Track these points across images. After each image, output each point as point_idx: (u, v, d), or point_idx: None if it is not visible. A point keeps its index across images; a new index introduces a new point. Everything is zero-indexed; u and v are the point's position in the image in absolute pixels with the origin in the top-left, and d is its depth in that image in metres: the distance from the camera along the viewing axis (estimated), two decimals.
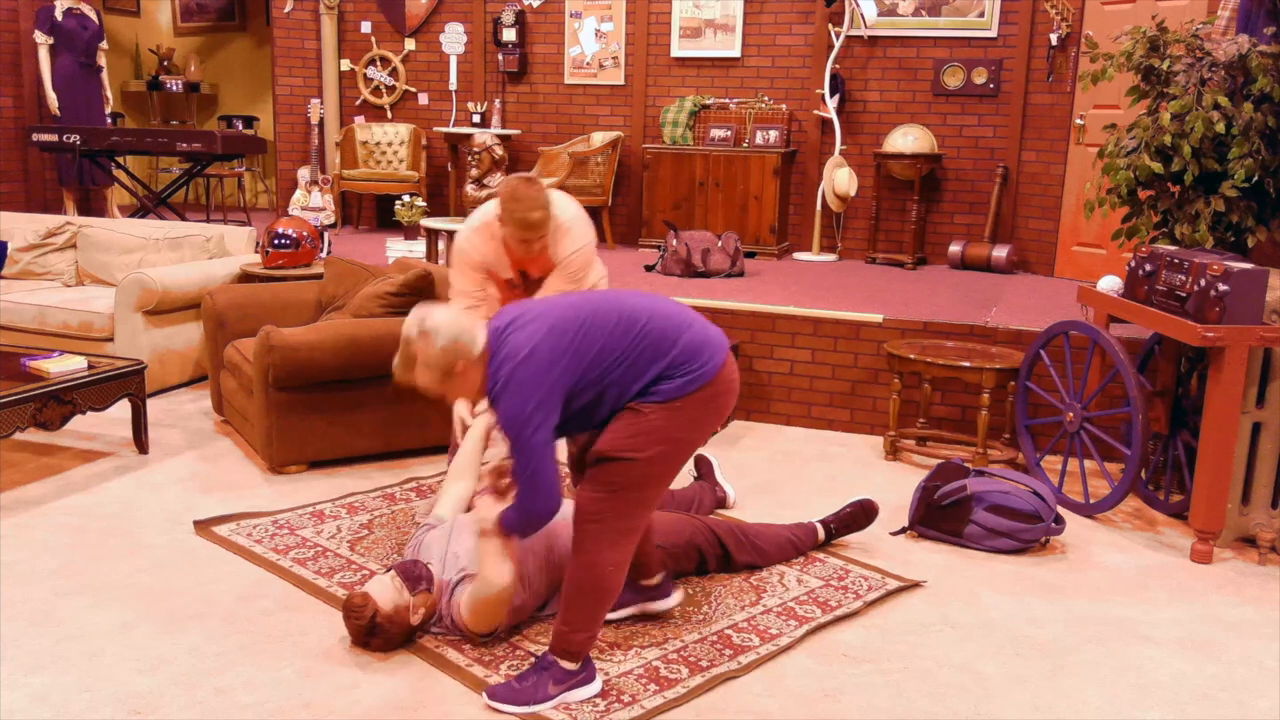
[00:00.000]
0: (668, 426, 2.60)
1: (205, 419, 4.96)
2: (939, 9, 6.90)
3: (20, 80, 7.89)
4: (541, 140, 7.95)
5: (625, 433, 2.59)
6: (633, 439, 2.58)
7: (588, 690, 2.71)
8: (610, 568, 2.64)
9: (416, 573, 2.95)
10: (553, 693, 2.67)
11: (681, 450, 2.65)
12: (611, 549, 2.64)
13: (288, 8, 8.36)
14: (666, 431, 2.60)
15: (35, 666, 2.76)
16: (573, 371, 2.54)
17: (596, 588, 2.65)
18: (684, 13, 7.49)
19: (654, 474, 2.63)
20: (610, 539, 2.63)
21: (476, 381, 2.61)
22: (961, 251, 6.86)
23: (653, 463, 2.60)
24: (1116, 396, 4.59)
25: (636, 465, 2.59)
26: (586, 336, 2.57)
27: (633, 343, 2.59)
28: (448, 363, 2.56)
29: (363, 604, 2.85)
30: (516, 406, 2.49)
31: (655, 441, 2.59)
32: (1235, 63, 4.04)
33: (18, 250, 5.87)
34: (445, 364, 2.57)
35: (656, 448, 2.59)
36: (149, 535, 3.62)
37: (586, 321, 2.59)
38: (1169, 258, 3.86)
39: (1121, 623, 3.24)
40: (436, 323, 2.58)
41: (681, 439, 2.63)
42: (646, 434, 2.58)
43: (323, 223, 7.28)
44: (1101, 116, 6.07)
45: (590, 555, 2.63)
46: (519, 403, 2.49)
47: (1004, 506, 3.69)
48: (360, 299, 4.59)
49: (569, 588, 2.67)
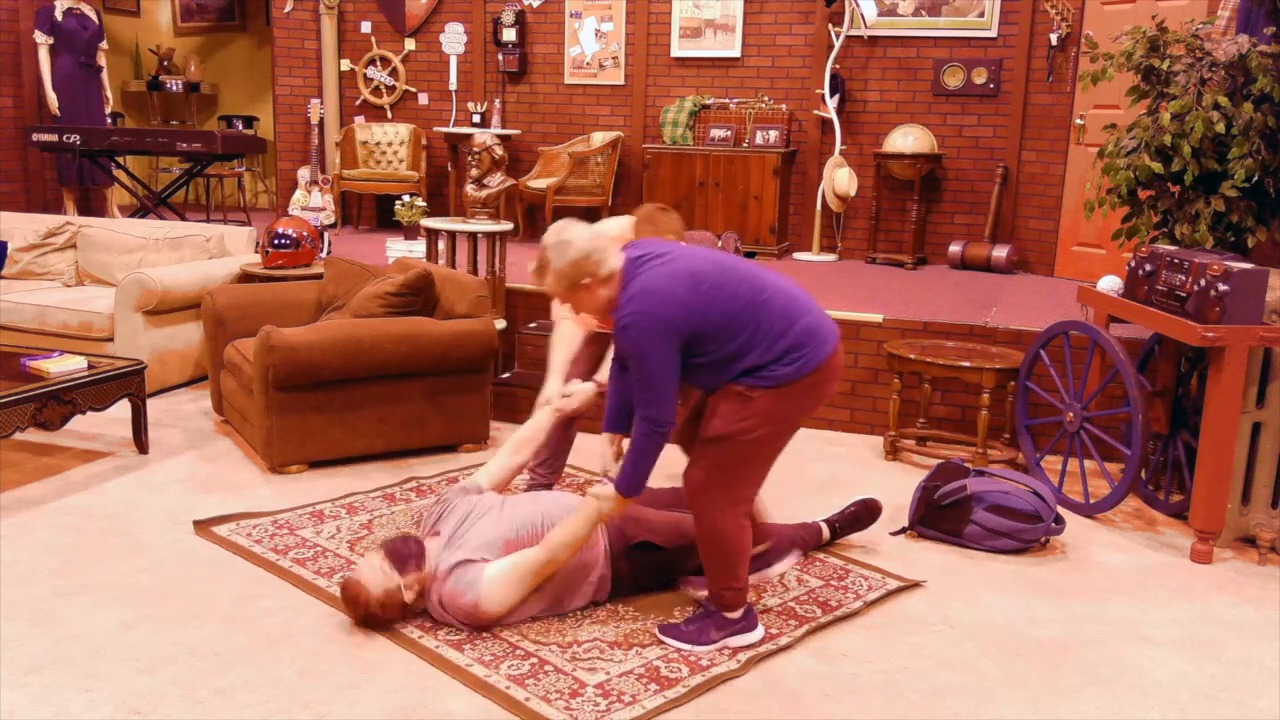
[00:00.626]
0: (774, 410, 2.78)
1: (205, 419, 4.96)
2: (939, 9, 6.90)
3: (20, 80, 7.89)
4: (541, 140, 7.95)
5: (734, 416, 2.77)
6: (741, 422, 2.77)
7: (749, 637, 2.97)
8: (732, 530, 2.88)
9: (406, 551, 2.99)
10: (715, 637, 2.95)
11: (785, 430, 2.86)
12: (724, 517, 2.86)
13: (288, 8, 8.37)
14: (772, 414, 2.78)
15: (35, 666, 2.76)
16: (695, 319, 2.71)
17: (723, 549, 2.89)
18: (684, 13, 7.49)
19: (759, 453, 2.85)
20: (721, 509, 2.85)
21: (602, 301, 2.81)
22: (961, 251, 6.86)
23: (758, 443, 2.81)
24: (1116, 396, 4.59)
25: (743, 445, 2.79)
26: (714, 291, 2.74)
27: (754, 315, 2.75)
28: (575, 275, 2.76)
29: (354, 596, 2.95)
30: (642, 336, 2.69)
31: (762, 424, 2.78)
32: (1235, 63, 4.04)
33: (18, 250, 5.87)
34: (572, 276, 2.76)
35: (763, 429, 2.79)
36: (149, 535, 3.62)
37: (718, 280, 2.76)
38: (1169, 258, 3.86)
39: (1121, 623, 3.24)
40: (571, 236, 2.78)
41: (786, 420, 2.83)
42: (754, 417, 2.77)
43: (323, 223, 7.27)
44: (1101, 116, 6.07)
45: (707, 524, 2.88)
46: (644, 333, 2.69)
47: (1004, 506, 3.69)
48: (360, 299, 4.59)
49: (702, 553, 2.94)
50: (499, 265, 5.31)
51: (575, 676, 2.77)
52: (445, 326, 4.47)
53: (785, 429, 2.85)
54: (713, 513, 2.85)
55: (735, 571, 2.92)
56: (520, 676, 2.76)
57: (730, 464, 2.82)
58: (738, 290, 2.76)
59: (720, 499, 2.84)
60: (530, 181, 7.50)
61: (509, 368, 5.46)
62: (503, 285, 5.39)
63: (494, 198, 5.27)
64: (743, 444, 2.79)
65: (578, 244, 2.76)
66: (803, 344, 2.77)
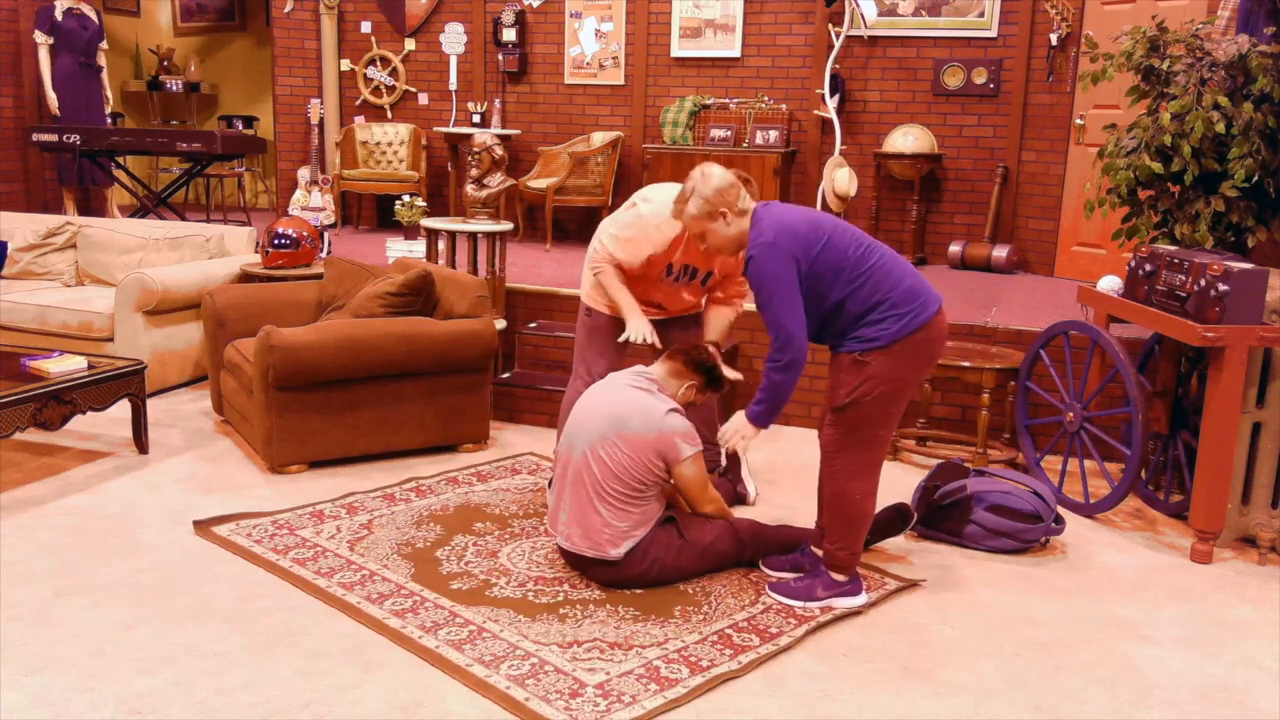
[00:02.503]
0: (887, 371, 3.04)
1: (205, 419, 4.96)
2: (939, 9, 6.90)
3: (20, 80, 7.89)
4: (541, 140, 7.95)
5: (853, 382, 3.07)
6: (860, 386, 3.05)
7: (853, 601, 3.22)
8: (857, 495, 3.16)
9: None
10: (820, 595, 3.21)
11: (903, 391, 3.10)
12: (855, 480, 3.15)
13: (288, 8, 8.37)
14: (887, 375, 3.04)
15: (35, 666, 2.76)
16: (810, 259, 3.02)
17: (849, 512, 3.17)
18: (684, 13, 7.49)
19: (883, 413, 3.10)
20: (853, 472, 3.15)
21: (733, 235, 3.16)
22: (961, 251, 6.86)
23: (879, 403, 3.07)
24: (1116, 396, 4.59)
25: (866, 407, 3.07)
26: (830, 240, 3.06)
27: (861, 270, 3.04)
28: (716, 203, 3.13)
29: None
30: (767, 266, 3.00)
31: (879, 385, 3.05)
32: (1235, 63, 4.04)
33: (18, 250, 5.87)
34: (714, 204, 3.13)
35: (880, 388, 3.05)
36: (149, 535, 3.62)
37: (834, 233, 3.08)
38: (1169, 258, 3.86)
39: (1121, 623, 3.24)
40: (717, 172, 3.17)
41: (900, 380, 3.07)
42: (871, 379, 3.05)
43: (323, 223, 7.27)
44: (1101, 116, 6.07)
45: (839, 485, 3.17)
46: (769, 263, 3.00)
47: (1004, 506, 3.69)
48: (360, 299, 4.59)
49: (830, 513, 3.22)
50: (499, 265, 5.31)
51: (575, 676, 2.77)
52: (445, 326, 4.47)
53: (902, 389, 3.09)
54: (845, 475, 3.15)
55: (854, 535, 3.19)
56: (520, 676, 2.76)
57: (857, 426, 3.10)
58: (849, 246, 3.07)
59: (852, 462, 3.14)
60: (530, 181, 7.50)
61: (509, 368, 5.46)
62: (503, 285, 5.39)
63: (494, 198, 5.27)
64: (865, 406, 3.06)
65: (722, 176, 3.14)
66: (906, 302, 3.04)
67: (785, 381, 3.08)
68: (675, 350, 3.48)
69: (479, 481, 4.25)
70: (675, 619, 3.12)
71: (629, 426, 3.22)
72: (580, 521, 3.26)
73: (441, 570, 3.40)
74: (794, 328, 3.02)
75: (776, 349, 3.05)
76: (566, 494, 3.32)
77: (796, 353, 3.04)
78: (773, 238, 3.03)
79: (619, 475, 3.20)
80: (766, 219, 3.09)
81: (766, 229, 3.06)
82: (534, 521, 3.83)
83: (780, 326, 3.03)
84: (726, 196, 3.12)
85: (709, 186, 3.13)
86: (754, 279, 3.06)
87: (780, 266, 3.01)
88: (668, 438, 3.22)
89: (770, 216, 3.10)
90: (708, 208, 3.14)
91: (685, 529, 3.35)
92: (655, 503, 3.31)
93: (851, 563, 3.22)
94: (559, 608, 3.17)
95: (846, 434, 3.13)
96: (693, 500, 3.41)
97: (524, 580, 3.35)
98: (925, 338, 3.07)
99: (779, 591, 3.26)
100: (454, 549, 3.57)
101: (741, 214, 3.15)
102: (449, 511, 3.90)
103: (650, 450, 3.21)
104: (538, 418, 5.04)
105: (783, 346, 3.04)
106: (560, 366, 5.32)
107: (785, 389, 3.09)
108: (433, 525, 3.77)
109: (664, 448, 3.22)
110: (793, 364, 3.04)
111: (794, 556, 3.45)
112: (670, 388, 3.39)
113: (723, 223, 3.15)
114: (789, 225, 3.05)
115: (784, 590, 3.25)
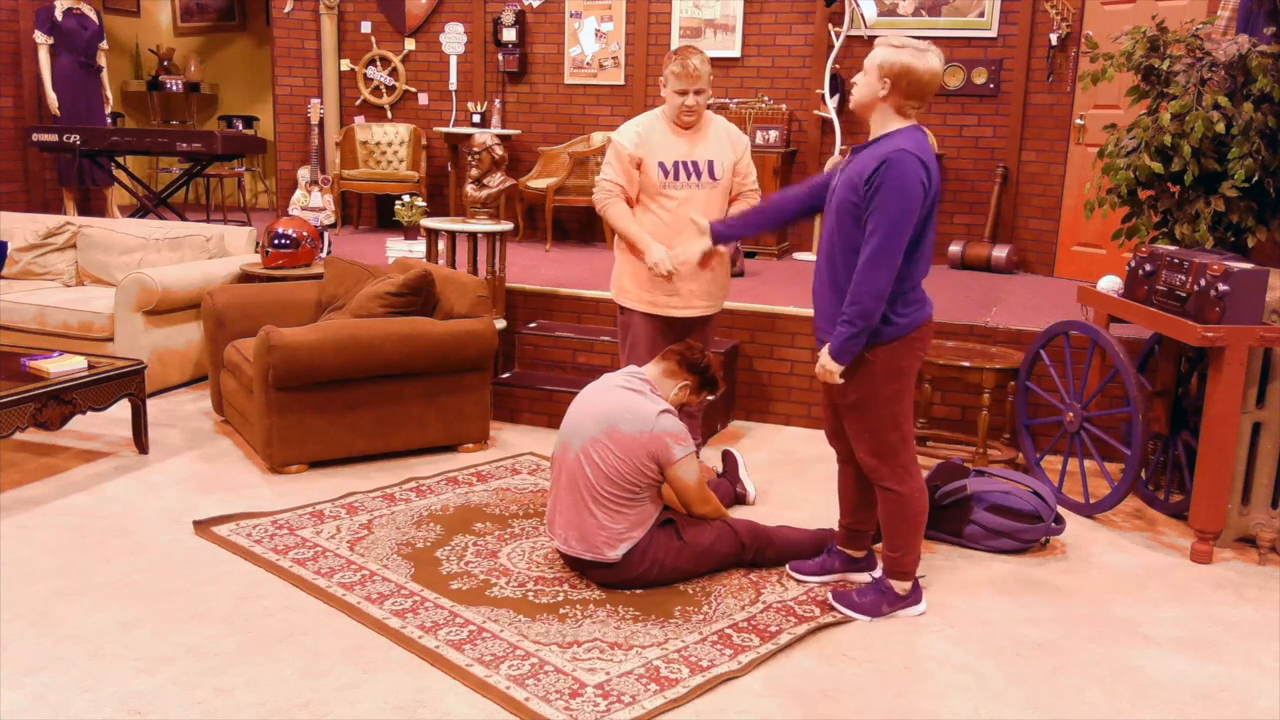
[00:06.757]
0: (891, 365, 3.02)
1: (205, 419, 4.96)
2: (939, 9, 6.90)
3: (20, 80, 7.88)
4: (541, 140, 7.95)
5: (863, 382, 3.03)
6: (869, 383, 3.03)
7: (913, 610, 3.22)
8: (908, 495, 3.11)
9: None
10: (885, 611, 3.18)
11: (909, 380, 3.08)
12: (901, 482, 3.11)
13: (288, 8, 8.36)
14: (890, 368, 3.02)
15: (35, 666, 2.76)
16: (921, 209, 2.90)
17: (904, 514, 3.13)
18: (684, 13, 7.49)
19: (896, 410, 3.07)
20: (896, 473, 3.10)
21: (880, 106, 2.95)
22: (961, 251, 6.86)
23: (892, 400, 3.05)
24: (1116, 396, 4.59)
25: (877, 405, 3.04)
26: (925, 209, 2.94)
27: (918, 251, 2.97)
28: (900, 76, 2.88)
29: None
30: (897, 177, 2.83)
31: (886, 380, 3.03)
32: (1235, 63, 4.04)
33: (18, 250, 5.87)
34: (893, 68, 2.88)
35: (890, 385, 3.03)
36: (149, 535, 3.62)
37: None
38: (1169, 258, 3.86)
39: (1121, 623, 3.24)
40: (939, 66, 2.93)
41: (904, 371, 3.05)
42: (878, 377, 3.03)
43: (323, 223, 7.27)
44: (1101, 116, 6.07)
45: (887, 487, 3.12)
46: (902, 176, 2.83)
47: (1004, 506, 3.69)
48: (360, 299, 4.59)
49: (885, 519, 3.16)
50: (499, 265, 5.31)
51: (575, 676, 2.77)
52: (445, 326, 4.47)
53: (907, 379, 3.07)
54: (889, 480, 3.11)
55: (915, 539, 3.16)
56: (520, 676, 2.76)
57: (877, 427, 3.07)
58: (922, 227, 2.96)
59: (888, 465, 3.09)
60: (530, 181, 7.50)
61: (509, 368, 5.46)
62: (503, 285, 5.39)
63: (494, 198, 5.27)
64: (877, 404, 3.04)
65: (934, 75, 2.90)
66: (917, 299, 3.03)
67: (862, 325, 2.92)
68: (669, 350, 3.46)
69: (479, 481, 4.25)
70: (675, 619, 3.12)
71: (619, 428, 3.21)
72: (576, 524, 3.26)
73: (441, 570, 3.40)
74: (885, 287, 2.88)
75: (856, 313, 2.90)
76: (562, 496, 3.31)
77: (878, 301, 2.90)
78: (919, 154, 2.85)
79: (611, 477, 3.19)
80: (911, 140, 2.88)
81: (911, 145, 2.86)
82: (534, 521, 3.83)
83: (872, 265, 2.86)
84: (906, 76, 2.87)
85: (922, 61, 2.87)
86: (879, 185, 2.84)
87: (910, 187, 2.83)
88: (659, 439, 3.20)
89: (915, 143, 2.89)
90: (885, 69, 2.89)
91: (684, 531, 3.34)
92: (651, 504, 3.30)
93: (913, 567, 3.19)
94: (559, 608, 3.17)
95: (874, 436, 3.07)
96: (687, 503, 3.39)
97: (524, 580, 3.35)
98: (921, 336, 3.07)
99: (843, 603, 3.20)
100: (454, 549, 3.57)
101: (900, 111, 2.93)
102: (449, 511, 3.90)
103: (641, 452, 3.19)
104: (538, 418, 5.04)
105: (869, 293, 2.88)
106: (560, 366, 5.32)
107: (861, 337, 2.95)
108: (433, 525, 3.77)
109: (655, 449, 3.20)
110: (870, 318, 2.91)
111: (822, 559, 3.43)
112: (664, 388, 3.38)
113: (881, 90, 2.91)
114: (927, 159, 2.88)
115: (848, 603, 3.20)
